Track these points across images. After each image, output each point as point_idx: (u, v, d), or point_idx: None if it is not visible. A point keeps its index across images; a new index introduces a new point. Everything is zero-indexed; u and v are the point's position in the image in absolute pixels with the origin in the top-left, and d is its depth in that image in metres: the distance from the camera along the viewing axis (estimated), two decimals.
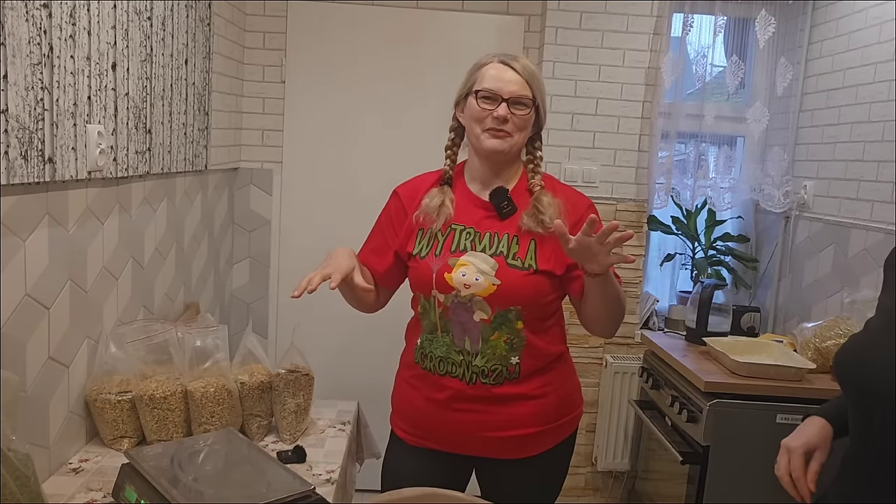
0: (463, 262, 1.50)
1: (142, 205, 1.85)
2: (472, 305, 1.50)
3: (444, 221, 1.54)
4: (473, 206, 1.57)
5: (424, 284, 1.54)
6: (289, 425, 1.67)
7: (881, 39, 2.36)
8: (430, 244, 1.55)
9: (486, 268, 1.49)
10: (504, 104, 1.49)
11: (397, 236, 1.63)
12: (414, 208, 1.59)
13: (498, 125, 1.50)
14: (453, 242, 1.53)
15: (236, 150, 2.89)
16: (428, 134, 2.97)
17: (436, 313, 1.54)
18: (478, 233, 1.53)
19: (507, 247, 1.51)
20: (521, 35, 2.93)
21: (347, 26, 2.91)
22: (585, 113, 2.84)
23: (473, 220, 1.55)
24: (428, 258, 1.54)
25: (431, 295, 1.53)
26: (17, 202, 1.28)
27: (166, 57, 1.93)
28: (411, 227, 1.59)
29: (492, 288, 1.48)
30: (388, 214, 1.68)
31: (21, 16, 1.23)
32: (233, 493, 1.23)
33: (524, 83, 1.51)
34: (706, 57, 2.85)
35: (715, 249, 2.99)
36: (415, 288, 1.60)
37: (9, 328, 1.27)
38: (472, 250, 1.51)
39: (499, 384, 1.52)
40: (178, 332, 1.68)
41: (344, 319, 3.05)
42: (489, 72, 1.54)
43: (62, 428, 1.49)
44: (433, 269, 1.52)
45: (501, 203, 1.54)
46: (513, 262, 1.49)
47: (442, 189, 1.58)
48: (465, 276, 1.49)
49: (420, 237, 1.57)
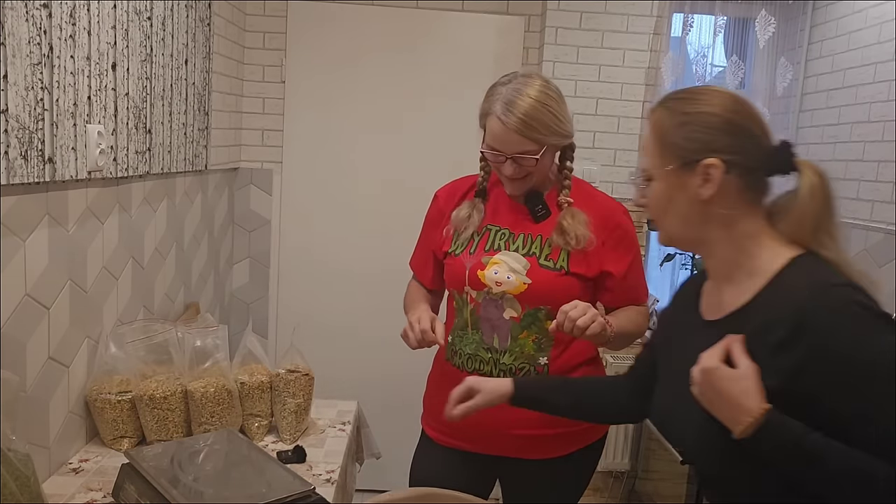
0: (496, 260, 1.55)
1: (142, 205, 1.85)
2: (502, 303, 1.54)
3: (472, 232, 1.60)
4: (510, 208, 1.61)
5: (458, 281, 1.59)
6: (289, 425, 1.67)
7: (881, 39, 2.36)
8: (466, 242, 1.60)
9: (518, 267, 1.53)
10: (509, 161, 1.50)
11: (435, 238, 1.69)
12: (451, 210, 1.65)
13: (509, 179, 1.54)
14: (488, 242, 1.59)
15: (236, 150, 2.89)
16: (428, 133, 2.97)
17: (468, 309, 1.58)
18: (512, 233, 1.58)
19: (540, 248, 1.55)
20: (521, 35, 2.93)
21: (347, 26, 2.91)
22: (585, 113, 2.84)
23: (508, 222, 1.59)
24: (462, 255, 1.59)
25: (464, 291, 1.58)
26: (17, 202, 1.28)
27: (166, 57, 1.93)
28: (449, 227, 1.65)
29: (522, 286, 1.52)
30: (429, 219, 1.75)
31: (21, 16, 1.23)
32: (233, 493, 1.23)
33: (522, 139, 1.46)
34: (706, 57, 2.85)
35: None
36: (449, 285, 1.65)
37: (9, 328, 1.27)
38: (505, 249, 1.56)
39: None
40: (178, 332, 1.68)
41: (344, 319, 3.06)
42: (491, 126, 1.50)
43: (62, 428, 1.49)
44: (466, 266, 1.57)
45: (536, 207, 1.58)
46: (545, 263, 1.53)
47: (472, 202, 1.63)
48: (497, 273, 1.53)
49: (456, 237, 1.63)
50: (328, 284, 3.04)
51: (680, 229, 1.07)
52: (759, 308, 0.98)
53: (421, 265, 1.78)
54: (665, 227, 1.09)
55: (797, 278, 0.96)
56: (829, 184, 1.01)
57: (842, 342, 0.90)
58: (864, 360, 0.90)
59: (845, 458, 0.90)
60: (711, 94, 1.05)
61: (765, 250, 1.01)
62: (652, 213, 1.10)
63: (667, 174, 1.04)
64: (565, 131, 1.52)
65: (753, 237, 1.02)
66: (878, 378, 0.90)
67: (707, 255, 1.08)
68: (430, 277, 1.75)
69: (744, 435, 0.93)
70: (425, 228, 1.77)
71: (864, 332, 0.91)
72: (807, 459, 0.92)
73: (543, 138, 1.47)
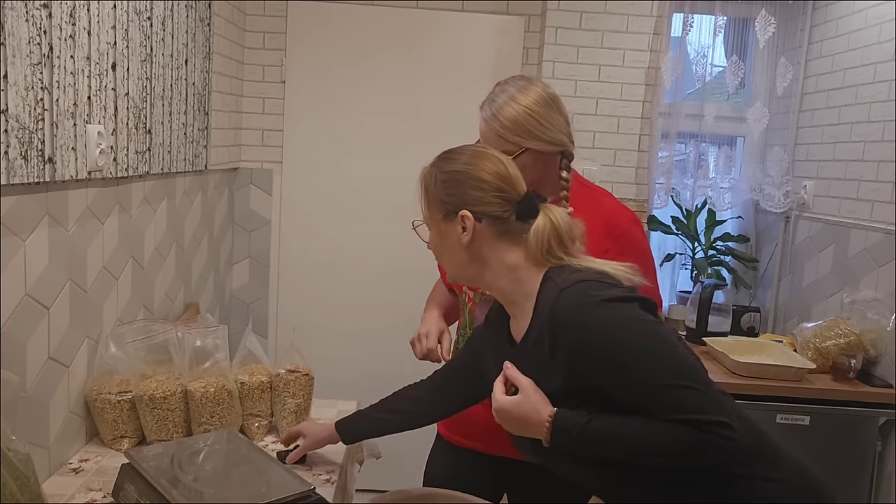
0: None
1: (142, 205, 1.85)
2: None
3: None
4: None
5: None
6: (289, 425, 1.67)
7: (881, 39, 2.36)
8: None
9: None
10: None
11: None
12: None
13: None
14: None
15: (236, 150, 2.89)
16: (428, 133, 2.97)
17: (467, 309, 1.63)
18: None
19: None
20: (521, 35, 2.93)
21: (347, 26, 2.91)
22: (585, 113, 2.84)
23: None
24: None
25: (463, 291, 1.63)
26: (17, 202, 1.28)
27: (166, 57, 1.93)
28: None
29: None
30: None
31: (21, 16, 1.23)
32: (233, 493, 1.23)
33: (498, 138, 1.49)
34: (706, 57, 2.85)
35: (715, 249, 2.99)
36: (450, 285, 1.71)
37: (9, 328, 1.27)
38: None
39: None
40: (178, 332, 1.68)
41: (344, 319, 3.06)
42: (480, 125, 1.56)
43: (62, 428, 1.49)
44: None
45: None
46: None
47: None
48: None
49: None
50: (328, 284, 3.04)
51: (456, 269, 1.24)
52: (535, 324, 1.14)
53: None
54: (446, 266, 1.27)
55: (550, 289, 1.12)
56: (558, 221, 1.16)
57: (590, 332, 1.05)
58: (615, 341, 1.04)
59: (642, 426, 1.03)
60: (468, 153, 1.23)
61: (529, 274, 1.16)
62: (435, 256, 1.29)
63: (437, 223, 1.22)
64: (549, 138, 1.50)
65: (518, 268, 1.17)
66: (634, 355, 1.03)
67: (490, 289, 1.24)
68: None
69: (549, 442, 1.10)
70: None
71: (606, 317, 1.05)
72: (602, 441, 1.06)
73: (521, 140, 1.48)
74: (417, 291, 3.02)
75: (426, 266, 3.09)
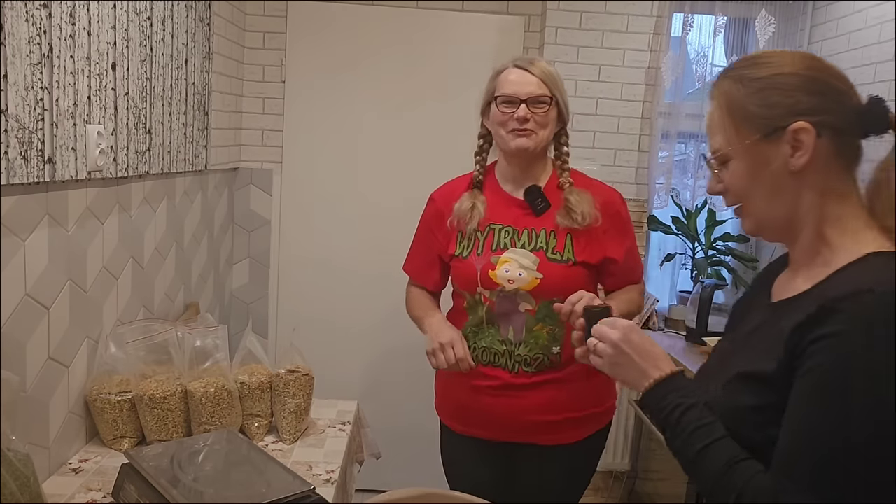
0: (505, 258, 1.59)
1: (141, 205, 1.85)
2: (517, 298, 1.58)
3: (476, 223, 1.62)
4: (509, 205, 1.65)
5: (469, 282, 1.62)
6: (289, 425, 1.67)
7: (881, 39, 2.36)
8: (472, 244, 1.63)
9: (528, 263, 1.57)
10: (523, 105, 1.56)
11: (438, 241, 1.72)
12: (450, 212, 1.67)
13: (520, 125, 1.57)
14: (493, 241, 1.61)
15: (236, 150, 2.89)
16: (427, 133, 2.97)
17: (482, 308, 1.61)
18: (516, 230, 1.61)
19: (546, 241, 1.59)
20: (521, 35, 2.93)
21: (347, 26, 2.91)
22: (585, 113, 2.84)
23: (511, 219, 1.63)
24: (471, 258, 1.62)
25: (477, 292, 1.61)
26: (17, 202, 1.28)
27: (166, 57, 1.93)
28: (448, 230, 1.67)
29: (535, 282, 1.56)
30: (427, 222, 1.77)
31: (21, 16, 1.23)
32: (233, 493, 1.23)
33: (540, 83, 1.57)
34: (706, 57, 2.85)
35: (715, 249, 2.99)
36: (460, 286, 1.67)
37: (9, 328, 1.27)
38: (512, 247, 1.59)
39: (540, 372, 1.59)
40: (177, 332, 1.68)
41: (344, 319, 3.06)
42: (508, 77, 1.60)
43: (62, 428, 1.49)
44: (477, 268, 1.60)
45: (536, 200, 1.62)
46: (552, 256, 1.58)
47: (472, 193, 1.66)
48: (508, 272, 1.57)
49: (460, 238, 1.65)
50: (328, 284, 3.04)
51: (769, 210, 0.95)
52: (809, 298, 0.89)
53: (421, 269, 1.80)
54: (752, 210, 0.97)
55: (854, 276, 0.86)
56: None
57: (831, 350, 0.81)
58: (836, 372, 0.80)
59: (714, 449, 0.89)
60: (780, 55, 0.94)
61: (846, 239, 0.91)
62: (734, 198, 0.98)
63: (747, 149, 0.93)
64: (567, 103, 1.63)
65: (838, 222, 0.91)
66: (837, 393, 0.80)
67: (791, 242, 0.97)
68: (436, 281, 1.77)
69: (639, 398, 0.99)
70: (422, 232, 1.79)
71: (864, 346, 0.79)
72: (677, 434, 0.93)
73: (555, 91, 1.58)
74: None
75: None
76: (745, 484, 0.85)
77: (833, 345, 0.81)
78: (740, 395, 0.92)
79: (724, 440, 0.90)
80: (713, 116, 0.98)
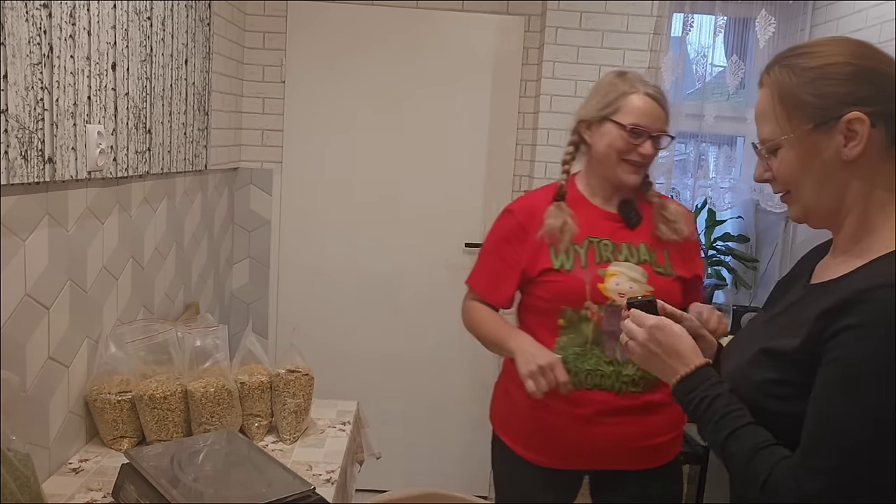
0: (612, 271, 1.51)
1: (142, 205, 1.85)
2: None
3: (570, 238, 1.52)
4: (602, 218, 1.57)
5: (575, 297, 1.50)
6: (289, 425, 1.67)
7: (881, 39, 2.36)
8: (572, 257, 1.53)
9: (637, 276, 1.51)
10: (650, 142, 1.51)
11: (519, 254, 1.57)
12: (535, 226, 1.55)
13: (641, 160, 1.52)
14: (596, 254, 1.53)
15: (236, 150, 2.89)
16: (427, 133, 2.97)
17: (589, 325, 1.50)
18: (615, 244, 1.54)
19: (649, 255, 1.53)
20: (521, 35, 2.93)
21: (347, 26, 2.91)
22: None
23: (607, 232, 1.55)
24: (575, 270, 1.51)
25: (584, 307, 1.50)
26: (17, 202, 1.28)
27: (166, 57, 1.93)
28: (536, 244, 1.55)
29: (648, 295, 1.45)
30: (504, 235, 1.62)
31: (21, 16, 1.23)
32: (233, 493, 1.23)
33: (665, 115, 1.53)
34: (706, 57, 2.85)
35: (715, 249, 2.99)
36: (562, 302, 1.52)
37: (9, 328, 1.27)
38: (614, 260, 1.52)
39: (647, 391, 1.51)
40: (177, 332, 1.68)
41: (344, 319, 3.06)
42: (636, 103, 1.51)
43: (62, 428, 1.49)
44: (585, 281, 1.50)
45: (630, 214, 1.56)
46: (658, 269, 1.53)
47: (559, 206, 1.56)
48: (618, 284, 1.50)
49: (554, 252, 1.53)
50: (328, 284, 3.04)
51: (818, 199, 0.95)
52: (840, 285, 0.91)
53: (493, 285, 1.63)
54: (801, 199, 0.97)
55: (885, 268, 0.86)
56: None
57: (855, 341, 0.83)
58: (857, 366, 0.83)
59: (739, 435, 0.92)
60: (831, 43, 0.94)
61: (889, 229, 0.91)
62: (782, 186, 0.99)
63: (799, 139, 0.93)
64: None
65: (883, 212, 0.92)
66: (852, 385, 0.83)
67: (836, 228, 0.98)
68: (508, 297, 1.62)
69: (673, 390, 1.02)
70: (495, 245, 1.63)
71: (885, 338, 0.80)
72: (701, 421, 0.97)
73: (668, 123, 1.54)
74: (417, 291, 3.04)
75: (426, 266, 3.09)
76: (771, 469, 0.88)
77: (857, 335, 0.83)
78: (761, 369, 0.95)
79: (749, 427, 0.93)
80: (763, 105, 0.98)
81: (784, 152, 0.96)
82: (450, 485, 1.70)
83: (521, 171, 3.01)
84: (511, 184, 3.01)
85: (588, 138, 1.58)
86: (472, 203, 3.02)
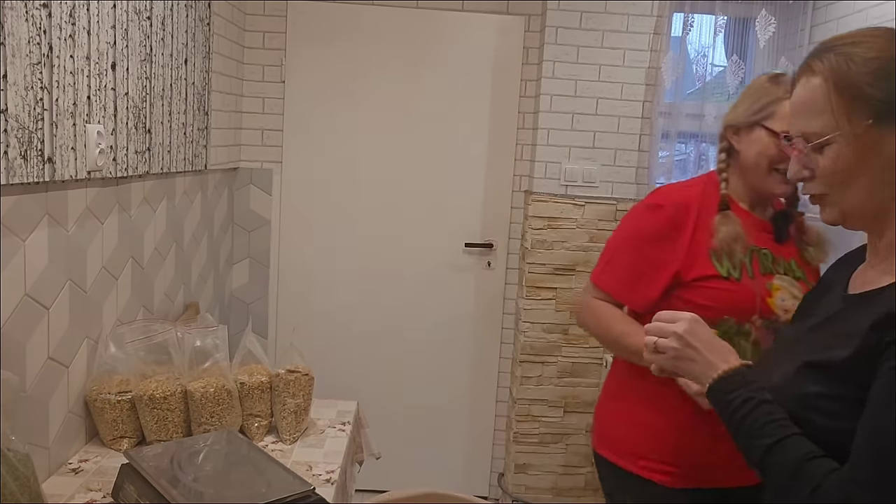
0: (777, 285, 1.41)
1: (141, 205, 1.85)
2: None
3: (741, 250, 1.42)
4: (756, 228, 1.46)
5: (744, 309, 1.39)
6: (289, 425, 1.67)
7: None
8: (739, 266, 1.41)
9: (797, 292, 1.40)
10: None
11: (673, 255, 1.43)
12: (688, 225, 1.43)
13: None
14: (760, 265, 1.43)
15: (236, 150, 2.89)
16: (427, 133, 2.97)
17: (748, 340, 1.39)
18: (773, 256, 1.44)
19: (801, 271, 1.45)
20: (521, 35, 2.93)
21: (347, 26, 2.91)
22: (585, 113, 2.84)
23: (764, 243, 1.46)
24: (744, 280, 1.40)
25: (750, 321, 1.39)
26: (17, 202, 1.28)
27: (166, 57, 1.93)
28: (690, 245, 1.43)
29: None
30: (652, 232, 1.46)
31: (21, 16, 1.22)
32: (233, 493, 1.23)
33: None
34: (706, 57, 2.85)
35: None
36: (726, 312, 1.40)
37: (9, 328, 1.27)
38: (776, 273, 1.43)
39: None
40: (177, 332, 1.68)
41: (344, 319, 3.06)
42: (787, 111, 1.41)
43: (62, 428, 1.49)
44: (756, 293, 1.39)
45: (784, 227, 1.48)
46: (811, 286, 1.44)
47: (727, 215, 1.44)
48: (783, 300, 1.40)
49: (716, 257, 1.42)
50: (328, 284, 3.04)
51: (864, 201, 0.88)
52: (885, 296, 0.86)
53: (632, 286, 1.48)
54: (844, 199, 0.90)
55: None
56: None
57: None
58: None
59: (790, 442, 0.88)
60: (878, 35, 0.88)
61: None
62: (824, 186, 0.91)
63: (856, 135, 0.86)
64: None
65: None
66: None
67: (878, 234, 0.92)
68: (653, 300, 1.45)
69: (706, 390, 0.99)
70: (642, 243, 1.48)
71: None
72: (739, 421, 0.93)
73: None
74: (417, 291, 3.04)
75: (426, 266, 3.09)
76: (823, 478, 0.85)
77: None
78: (806, 383, 0.91)
79: (795, 437, 0.90)
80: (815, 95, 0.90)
81: (837, 149, 0.88)
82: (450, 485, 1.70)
83: (521, 171, 3.01)
84: (511, 184, 3.02)
85: (736, 144, 1.46)
86: (472, 203, 3.02)
